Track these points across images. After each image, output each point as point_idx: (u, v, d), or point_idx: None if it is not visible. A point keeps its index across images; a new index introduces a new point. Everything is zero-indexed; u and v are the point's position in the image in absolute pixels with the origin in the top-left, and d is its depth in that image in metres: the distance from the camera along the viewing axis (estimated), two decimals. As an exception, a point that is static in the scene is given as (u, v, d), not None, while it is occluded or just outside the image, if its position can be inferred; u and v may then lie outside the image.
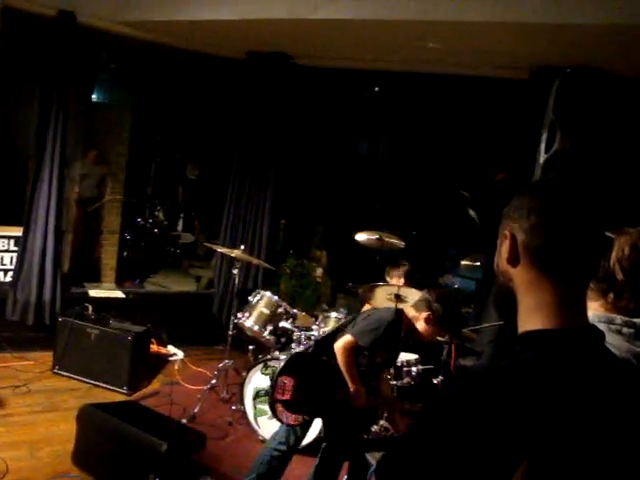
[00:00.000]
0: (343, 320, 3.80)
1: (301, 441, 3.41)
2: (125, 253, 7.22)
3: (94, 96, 7.49)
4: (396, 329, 3.15)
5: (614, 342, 1.53)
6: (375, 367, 3.31)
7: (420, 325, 3.13)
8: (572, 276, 1.11)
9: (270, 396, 3.18)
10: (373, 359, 3.25)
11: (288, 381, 3.20)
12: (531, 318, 1.12)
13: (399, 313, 3.18)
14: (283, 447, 3.33)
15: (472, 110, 7.28)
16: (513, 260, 1.15)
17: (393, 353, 3.37)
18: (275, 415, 3.18)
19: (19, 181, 6.02)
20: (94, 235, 6.99)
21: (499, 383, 1.03)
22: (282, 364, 3.23)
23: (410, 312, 3.20)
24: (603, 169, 3.06)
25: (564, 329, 1.09)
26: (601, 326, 1.57)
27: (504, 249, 1.17)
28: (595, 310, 1.62)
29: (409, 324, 3.17)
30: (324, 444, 3.44)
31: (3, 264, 5.56)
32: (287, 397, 3.15)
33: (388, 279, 4.93)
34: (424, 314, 3.09)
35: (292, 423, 3.22)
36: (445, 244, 8.13)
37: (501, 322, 4.23)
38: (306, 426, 3.35)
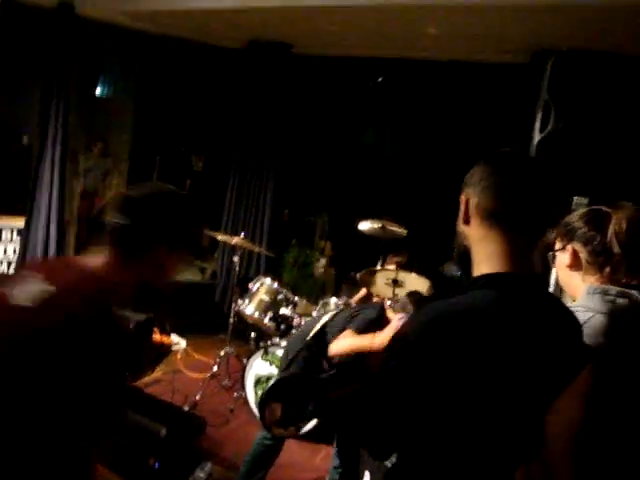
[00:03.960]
0: (326, 317, 3.65)
1: None
2: (129, 244, 7.24)
3: (98, 88, 7.52)
4: (377, 326, 3.09)
5: (609, 312, 1.53)
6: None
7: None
8: (517, 230, 1.27)
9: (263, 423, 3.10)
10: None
11: (276, 406, 3.16)
12: (483, 266, 1.30)
13: (382, 311, 3.15)
14: (269, 442, 3.34)
15: (474, 96, 7.24)
16: (466, 220, 1.33)
17: None
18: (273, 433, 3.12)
19: (23, 172, 6.05)
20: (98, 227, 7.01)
21: (449, 316, 1.18)
22: (267, 390, 3.16)
23: (389, 313, 3.17)
24: (598, 147, 3.05)
25: (512, 273, 1.26)
26: (596, 297, 1.58)
27: (460, 212, 1.34)
28: (591, 283, 1.62)
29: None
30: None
31: (5, 255, 5.60)
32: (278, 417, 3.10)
33: (387, 266, 4.94)
34: (399, 315, 3.03)
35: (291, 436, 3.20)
36: (448, 234, 8.09)
37: None
38: None
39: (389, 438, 1.25)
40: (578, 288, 1.66)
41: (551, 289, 2.33)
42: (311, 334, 3.34)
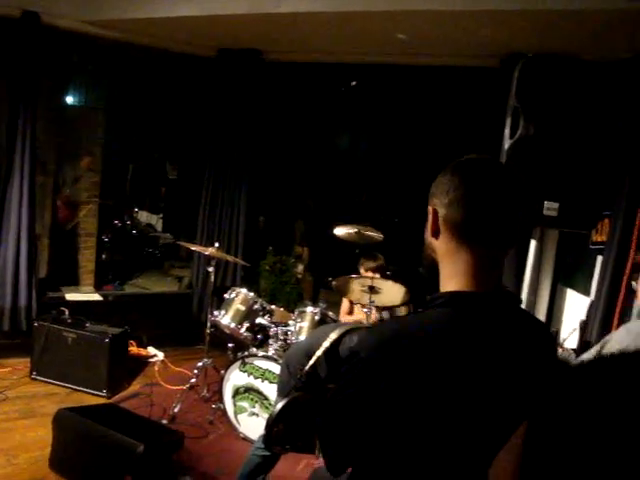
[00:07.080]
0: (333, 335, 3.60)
1: None
2: (103, 256, 7.16)
3: (70, 98, 7.42)
4: None
5: None
6: None
7: None
8: (487, 245, 1.21)
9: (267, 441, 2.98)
10: None
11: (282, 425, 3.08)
12: (449, 283, 1.24)
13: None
14: (264, 452, 3.30)
15: (448, 100, 7.28)
16: (435, 232, 1.26)
17: None
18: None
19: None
20: (71, 238, 6.93)
21: (399, 337, 1.16)
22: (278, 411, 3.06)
23: None
24: (569, 152, 3.07)
25: (476, 292, 1.21)
26: None
27: (428, 223, 1.28)
28: None
29: None
30: None
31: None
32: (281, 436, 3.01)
33: (361, 271, 4.93)
34: None
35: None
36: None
37: None
38: None
39: (340, 454, 1.25)
40: None
41: (634, 317, 2.32)
42: (319, 352, 3.30)
